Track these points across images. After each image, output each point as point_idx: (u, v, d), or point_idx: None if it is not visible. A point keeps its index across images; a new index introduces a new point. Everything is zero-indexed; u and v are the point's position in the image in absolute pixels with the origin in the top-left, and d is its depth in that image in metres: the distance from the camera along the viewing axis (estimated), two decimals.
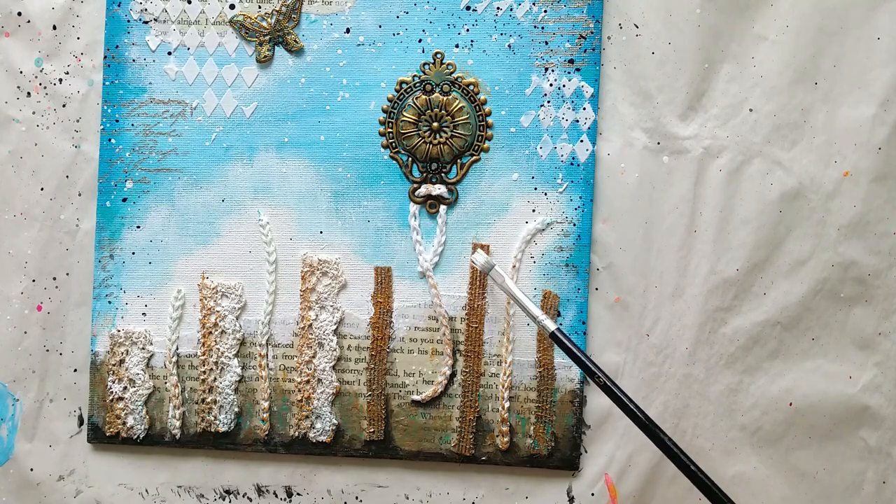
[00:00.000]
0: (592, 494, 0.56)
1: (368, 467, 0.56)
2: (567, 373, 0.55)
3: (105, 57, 0.56)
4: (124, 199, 0.56)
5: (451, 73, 0.55)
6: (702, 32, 0.54)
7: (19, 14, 0.56)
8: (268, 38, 0.55)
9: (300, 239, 0.56)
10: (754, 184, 0.55)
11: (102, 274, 0.56)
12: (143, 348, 0.56)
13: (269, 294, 0.56)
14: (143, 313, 0.56)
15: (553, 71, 0.55)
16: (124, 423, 0.56)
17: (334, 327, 0.56)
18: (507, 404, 0.55)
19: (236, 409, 0.56)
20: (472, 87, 0.55)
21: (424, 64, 0.55)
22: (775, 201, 0.55)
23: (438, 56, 0.55)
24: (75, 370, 0.57)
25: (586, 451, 0.56)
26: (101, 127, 0.56)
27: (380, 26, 0.55)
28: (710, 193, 0.55)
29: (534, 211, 0.55)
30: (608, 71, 0.55)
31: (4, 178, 0.57)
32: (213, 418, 0.56)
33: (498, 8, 0.55)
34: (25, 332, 0.57)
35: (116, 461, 0.57)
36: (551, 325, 0.50)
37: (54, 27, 0.56)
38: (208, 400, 0.56)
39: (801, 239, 0.55)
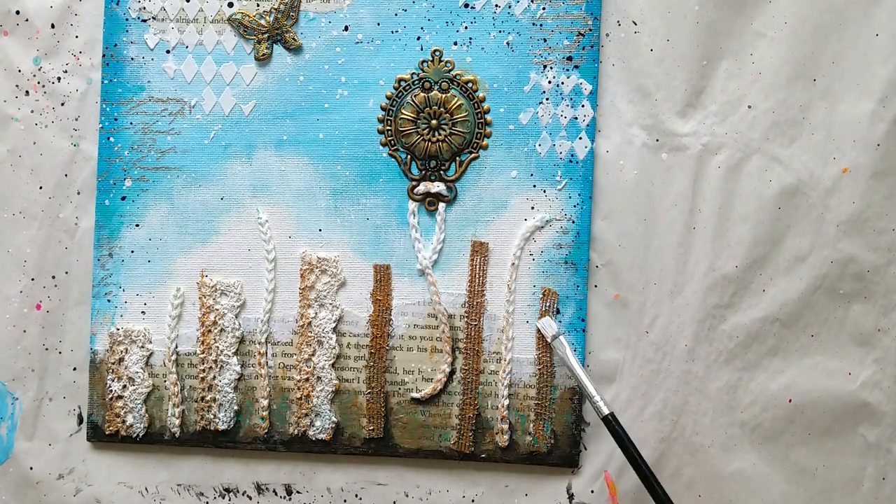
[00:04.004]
0: (592, 492, 0.56)
1: (368, 465, 0.56)
2: (566, 370, 0.55)
3: (103, 55, 0.56)
4: (123, 198, 0.56)
5: (450, 70, 0.55)
6: (700, 29, 0.54)
7: (17, 13, 0.56)
8: (266, 36, 0.55)
9: (299, 237, 0.56)
10: (753, 181, 0.55)
11: (101, 272, 0.56)
12: (143, 346, 0.56)
13: (269, 292, 0.56)
14: (143, 311, 0.56)
15: (551, 68, 0.55)
16: (124, 422, 0.56)
17: (333, 325, 0.56)
18: (506, 402, 0.55)
19: (235, 408, 0.56)
20: (470, 85, 0.55)
21: (423, 61, 0.55)
22: (774, 198, 0.55)
23: (437, 53, 0.55)
24: (74, 369, 0.57)
25: (586, 449, 0.56)
26: (100, 125, 0.56)
27: (378, 24, 0.55)
28: (709, 190, 0.55)
29: (533, 208, 0.55)
30: (607, 68, 0.55)
31: (3, 177, 0.57)
32: (212, 416, 0.56)
33: (496, 5, 0.54)
34: (25, 331, 0.57)
35: (116, 459, 0.57)
36: (605, 409, 0.51)
37: (52, 26, 0.56)
38: (208, 398, 0.56)
39: (800, 235, 0.55)
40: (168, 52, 0.56)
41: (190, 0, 0.56)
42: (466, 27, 0.55)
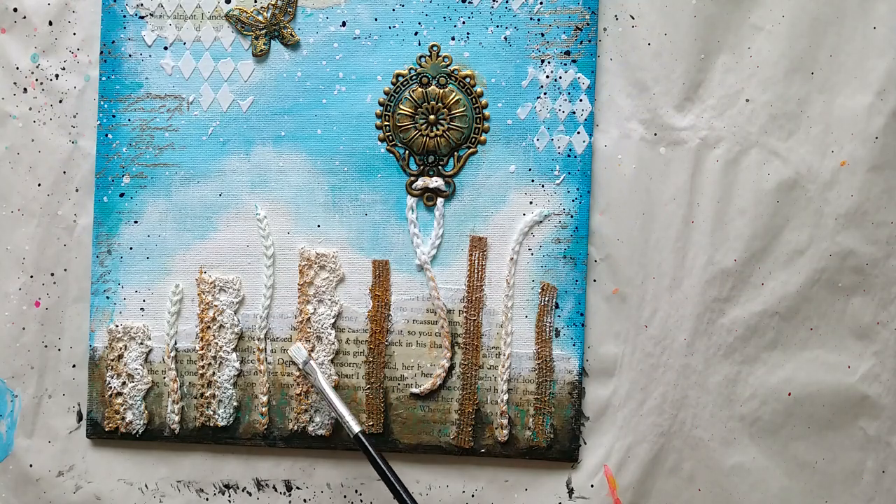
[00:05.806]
0: (592, 486, 0.56)
1: (368, 461, 0.56)
2: (565, 364, 0.55)
3: (101, 52, 0.56)
4: (121, 195, 0.56)
5: (448, 65, 0.55)
6: (698, 23, 0.54)
7: (15, 10, 0.56)
8: (264, 31, 0.55)
9: (298, 233, 0.56)
10: (751, 174, 0.55)
11: (100, 269, 0.56)
12: (142, 343, 0.56)
13: (267, 288, 0.56)
14: (141, 308, 0.56)
15: (549, 63, 0.55)
16: (123, 419, 0.56)
17: (332, 321, 0.56)
18: (505, 397, 0.55)
19: (235, 404, 0.56)
20: (468, 80, 0.55)
21: (420, 57, 0.55)
22: (772, 191, 0.55)
23: (434, 49, 0.55)
24: (74, 366, 0.57)
25: (585, 443, 0.56)
26: (98, 122, 0.56)
27: (375, 19, 0.55)
28: (708, 184, 0.55)
29: (531, 203, 0.55)
30: (604, 62, 0.55)
31: (1, 175, 0.57)
32: (211, 413, 0.56)
33: (494, 0, 0.54)
34: (24, 328, 0.57)
35: (115, 456, 0.57)
36: (355, 427, 0.51)
37: (50, 23, 0.56)
38: (207, 394, 0.56)
39: (799, 229, 0.55)
40: (166, 48, 0.56)
41: None
42: (464, 22, 0.55)
